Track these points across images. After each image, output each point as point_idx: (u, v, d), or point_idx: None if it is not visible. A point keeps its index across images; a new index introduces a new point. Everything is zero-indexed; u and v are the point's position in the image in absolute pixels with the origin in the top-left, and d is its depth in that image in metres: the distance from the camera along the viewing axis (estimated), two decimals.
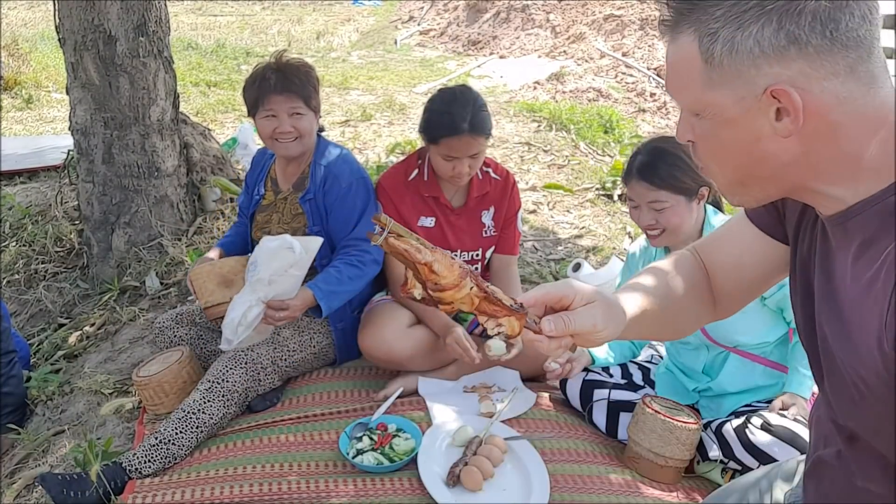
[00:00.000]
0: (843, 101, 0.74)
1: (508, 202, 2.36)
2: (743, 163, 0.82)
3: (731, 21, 0.74)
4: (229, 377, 2.04)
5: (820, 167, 0.78)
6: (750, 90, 0.76)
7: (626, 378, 2.18)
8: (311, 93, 2.18)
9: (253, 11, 15.15)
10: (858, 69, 0.73)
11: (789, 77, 0.73)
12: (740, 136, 0.79)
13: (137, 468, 1.88)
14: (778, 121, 0.76)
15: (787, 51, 0.73)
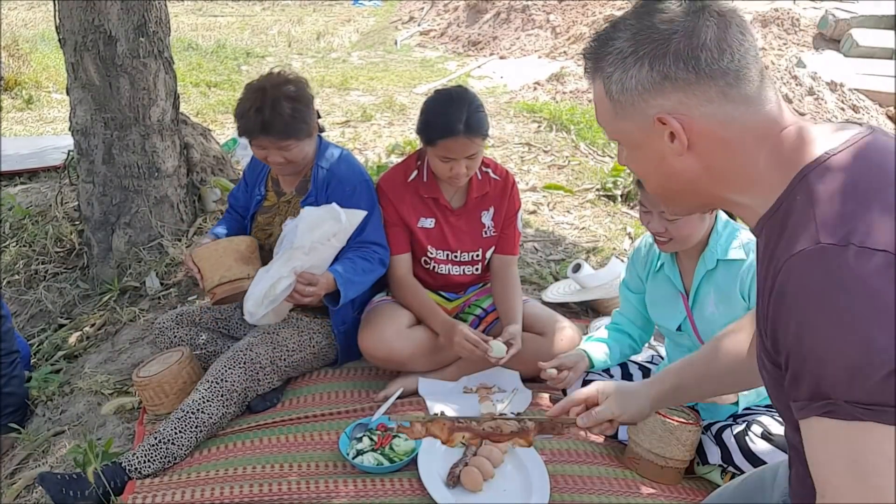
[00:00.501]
0: (723, 122, 0.89)
1: (508, 202, 2.36)
2: (659, 179, 0.99)
3: (618, 66, 0.91)
4: (228, 377, 2.04)
5: (722, 178, 0.93)
6: (644, 119, 0.92)
7: (627, 378, 2.18)
8: (300, 127, 2.10)
9: (253, 12, 15.16)
10: (730, 94, 0.88)
11: (671, 106, 0.89)
12: (649, 158, 0.96)
13: (137, 468, 1.88)
14: (671, 142, 0.91)
15: (663, 85, 0.88)
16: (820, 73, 6.67)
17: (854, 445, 0.77)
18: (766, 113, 0.89)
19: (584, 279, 2.86)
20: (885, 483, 0.75)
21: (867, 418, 0.75)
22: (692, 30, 0.87)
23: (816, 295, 0.78)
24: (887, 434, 0.75)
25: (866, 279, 0.75)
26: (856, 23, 8.61)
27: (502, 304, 2.33)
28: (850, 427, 0.76)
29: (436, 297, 2.42)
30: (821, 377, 0.78)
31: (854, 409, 0.75)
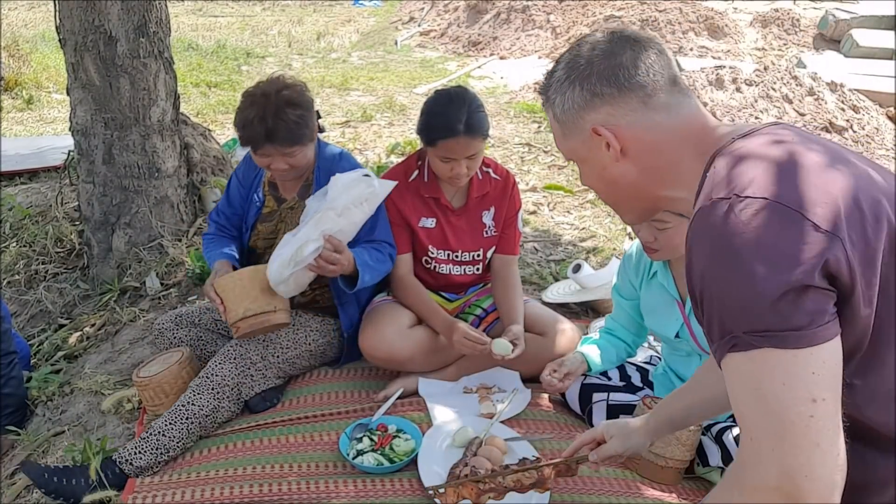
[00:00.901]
0: (648, 128, 1.04)
1: (509, 202, 2.36)
2: (605, 188, 1.14)
3: (558, 92, 1.09)
4: (219, 371, 2.04)
5: (657, 177, 1.07)
6: (584, 134, 1.08)
7: (625, 380, 2.18)
8: (303, 133, 2.08)
9: (253, 12, 15.16)
10: (650, 103, 1.04)
11: (602, 119, 1.06)
12: (595, 168, 1.11)
13: (128, 460, 1.87)
14: (608, 151, 1.07)
15: (593, 101, 1.06)
16: (820, 74, 6.67)
17: (755, 373, 0.86)
18: (684, 116, 1.05)
19: (584, 279, 2.86)
20: (780, 408, 0.83)
21: (762, 345, 0.84)
22: (611, 53, 1.05)
23: (709, 242, 0.90)
24: (781, 358, 0.83)
25: (747, 222, 0.86)
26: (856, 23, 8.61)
27: (503, 304, 2.33)
28: (750, 356, 0.86)
29: (436, 298, 2.42)
30: (722, 315, 0.88)
31: (751, 338, 0.85)
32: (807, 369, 0.83)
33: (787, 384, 0.83)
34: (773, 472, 0.84)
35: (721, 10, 9.60)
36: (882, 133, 6.02)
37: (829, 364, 0.84)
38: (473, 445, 1.89)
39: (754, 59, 8.45)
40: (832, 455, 0.82)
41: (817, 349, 0.83)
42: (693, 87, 6.62)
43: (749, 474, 0.87)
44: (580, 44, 1.10)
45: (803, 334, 0.83)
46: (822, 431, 0.82)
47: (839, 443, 0.83)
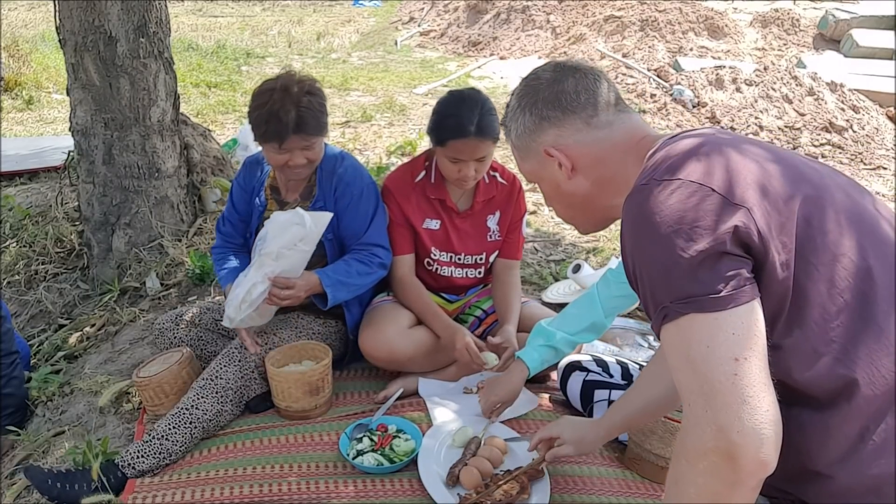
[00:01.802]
0: (592, 143, 1.17)
1: (515, 207, 2.35)
2: (562, 203, 1.27)
3: (512, 119, 1.24)
4: (223, 374, 2.04)
5: (607, 188, 1.19)
6: (538, 155, 1.22)
7: (627, 379, 2.18)
8: (326, 122, 2.10)
9: (253, 12, 15.17)
10: (593, 122, 1.17)
11: (551, 140, 1.19)
12: (551, 186, 1.24)
13: (131, 463, 1.87)
14: (560, 169, 1.19)
15: (542, 125, 1.19)
16: (820, 74, 6.68)
17: (683, 340, 0.92)
18: (625, 130, 1.17)
19: (585, 279, 2.86)
20: (706, 369, 0.88)
21: (687, 311, 0.91)
22: (555, 81, 1.19)
23: (632, 222, 0.99)
24: (703, 322, 0.90)
25: (664, 200, 0.94)
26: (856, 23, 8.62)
27: (501, 305, 2.33)
28: (679, 324, 0.92)
29: (437, 299, 2.42)
30: (652, 290, 0.96)
31: (677, 306, 0.92)
32: (727, 331, 0.88)
33: (710, 346, 0.89)
34: (708, 432, 0.87)
35: (721, 10, 9.60)
36: (882, 133, 6.02)
37: (747, 324, 0.89)
38: (473, 445, 1.89)
39: (754, 59, 8.45)
40: (760, 410, 0.86)
41: (735, 311, 0.89)
42: (693, 87, 6.62)
43: (689, 439, 0.91)
44: (530, 76, 1.24)
45: (722, 297, 0.89)
46: (748, 388, 0.86)
47: (767, 398, 0.87)
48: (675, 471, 0.96)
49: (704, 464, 0.89)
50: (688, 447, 0.91)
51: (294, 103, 2.01)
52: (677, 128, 6.02)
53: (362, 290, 2.20)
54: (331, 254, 2.23)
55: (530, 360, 2.00)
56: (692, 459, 0.91)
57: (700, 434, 0.88)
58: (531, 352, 2.02)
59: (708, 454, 0.88)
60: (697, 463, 0.90)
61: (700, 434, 0.88)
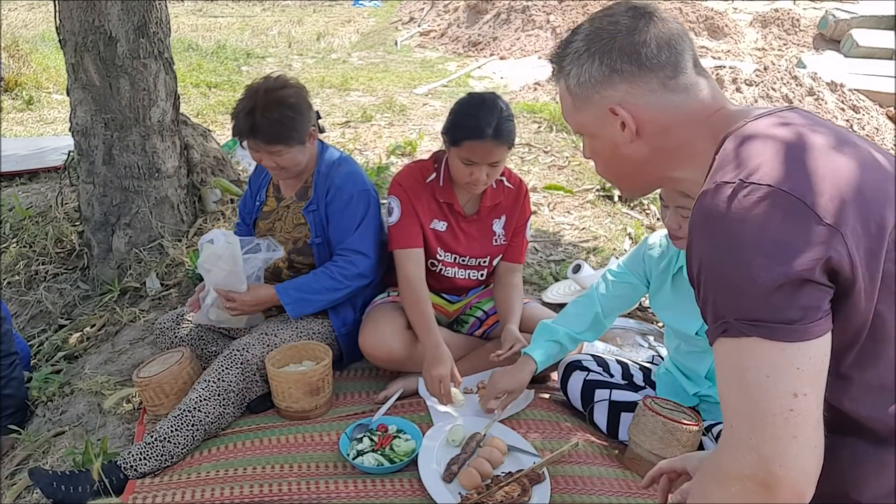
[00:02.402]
0: (665, 109, 1.02)
1: (520, 211, 2.35)
2: (614, 166, 1.12)
3: (574, 63, 1.06)
4: (225, 376, 2.04)
5: (667, 159, 1.06)
6: (599, 110, 1.05)
7: (627, 379, 2.18)
8: (289, 134, 2.11)
9: (253, 13, 15.17)
10: (670, 84, 1.02)
11: (620, 97, 1.03)
12: (605, 145, 1.09)
13: (133, 465, 1.87)
14: (623, 131, 1.04)
15: (612, 78, 1.03)
16: (820, 74, 6.68)
17: (741, 361, 0.86)
18: (702, 99, 1.03)
19: (585, 280, 2.86)
20: (761, 398, 0.83)
21: (752, 333, 0.84)
22: (634, 29, 1.02)
23: (711, 226, 0.89)
24: (768, 350, 0.83)
25: (750, 209, 0.84)
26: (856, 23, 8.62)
27: (502, 306, 2.33)
28: (739, 343, 0.86)
29: (438, 300, 2.41)
30: (717, 300, 0.88)
31: (741, 325, 0.85)
32: (793, 364, 0.83)
33: (770, 376, 0.83)
34: (748, 458, 0.84)
35: (721, 10, 9.60)
36: (882, 133, 6.02)
37: (815, 360, 0.84)
38: (473, 442, 1.89)
39: (754, 59, 8.45)
40: (809, 447, 0.83)
41: (806, 345, 0.83)
42: None
43: (726, 461, 0.87)
44: (601, 16, 1.06)
45: (794, 328, 0.83)
46: (801, 425, 0.82)
47: (816, 437, 0.83)
48: (703, 488, 0.93)
49: (737, 488, 0.86)
50: (722, 468, 0.88)
51: (258, 109, 2.08)
52: None
53: (332, 303, 2.23)
54: (318, 256, 2.27)
55: (537, 355, 2.03)
56: (724, 481, 0.88)
57: (739, 458, 0.85)
58: (537, 347, 2.05)
59: (743, 480, 0.85)
60: (730, 486, 0.87)
61: (739, 458, 0.85)
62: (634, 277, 2.05)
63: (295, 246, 2.28)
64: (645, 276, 2.05)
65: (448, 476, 1.80)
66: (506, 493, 1.70)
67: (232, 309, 2.13)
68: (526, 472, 1.78)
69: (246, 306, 2.14)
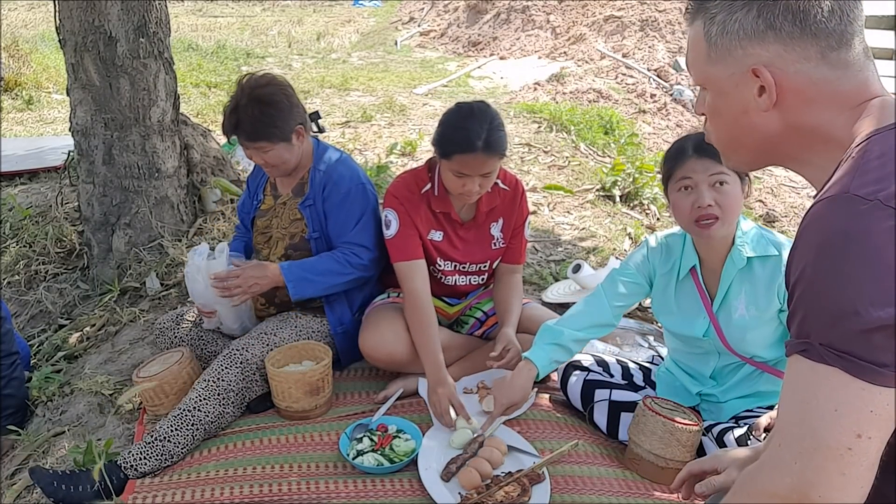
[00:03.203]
0: (815, 82, 0.89)
1: (517, 212, 2.33)
2: (734, 131, 0.99)
3: (724, 8, 0.92)
4: (224, 376, 2.04)
5: (799, 137, 0.93)
6: (738, 67, 0.93)
7: (627, 379, 2.18)
8: (270, 131, 2.12)
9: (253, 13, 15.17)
10: (829, 56, 0.88)
11: (768, 58, 0.90)
12: (732, 107, 0.96)
13: (133, 465, 1.87)
14: (759, 97, 0.92)
15: (766, 35, 0.89)
16: None
17: (812, 387, 0.80)
18: (860, 80, 0.90)
19: (584, 279, 2.86)
20: (822, 429, 0.79)
21: (834, 364, 0.78)
22: None
23: (827, 237, 0.79)
24: (846, 384, 0.77)
25: (878, 234, 0.75)
26: None
27: (501, 306, 2.32)
28: (816, 368, 0.80)
29: (438, 303, 2.41)
30: (807, 315, 0.81)
31: (825, 351, 0.79)
32: (867, 406, 0.77)
33: (839, 411, 0.78)
34: (787, 481, 0.81)
35: None
36: None
37: (890, 409, 0.78)
38: (475, 443, 1.89)
39: None
40: (855, 487, 0.79)
41: (887, 391, 0.77)
42: (693, 87, 6.62)
43: (764, 477, 0.85)
44: None
45: (882, 372, 0.76)
46: (853, 465, 0.78)
47: (866, 478, 0.80)
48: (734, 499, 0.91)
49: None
50: (758, 484, 0.86)
51: (240, 106, 2.12)
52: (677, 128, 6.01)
53: (333, 289, 2.22)
54: (315, 251, 2.27)
55: (538, 360, 1.96)
56: (756, 497, 0.86)
57: (777, 478, 0.82)
58: (538, 351, 1.98)
59: (778, 500, 0.83)
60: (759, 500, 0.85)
61: (777, 478, 0.82)
62: (639, 276, 2.04)
63: (292, 241, 2.29)
64: (648, 275, 2.03)
65: (446, 475, 1.80)
66: (506, 493, 1.70)
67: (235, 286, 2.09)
68: (526, 472, 1.78)
69: (250, 280, 2.11)
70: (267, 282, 2.14)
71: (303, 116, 2.22)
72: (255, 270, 2.13)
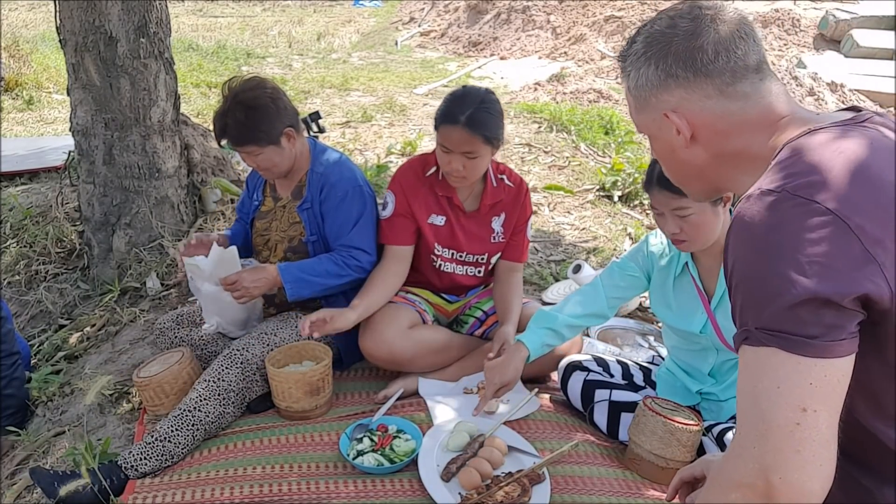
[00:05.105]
0: (722, 116, 1.01)
1: (520, 209, 2.35)
2: (673, 168, 1.12)
3: (634, 66, 1.06)
4: (225, 376, 2.04)
5: (727, 163, 1.04)
6: (655, 113, 1.05)
7: (627, 379, 2.18)
8: (256, 135, 2.12)
9: (254, 13, 15.18)
10: (727, 91, 0.99)
11: (675, 102, 1.02)
12: (663, 148, 1.09)
13: (133, 465, 1.87)
14: (678, 136, 1.04)
15: (668, 83, 1.02)
16: (820, 74, 6.68)
17: (756, 370, 0.86)
18: (763, 105, 1.00)
19: (585, 280, 2.86)
20: (769, 408, 0.83)
21: (771, 344, 0.84)
22: (692, 33, 1.00)
23: (750, 231, 0.88)
24: (783, 361, 0.83)
25: (791, 221, 0.84)
26: (856, 23, 8.61)
27: (500, 305, 2.32)
28: (758, 352, 0.86)
29: (437, 299, 2.42)
30: (743, 305, 0.89)
31: (762, 334, 0.85)
32: (806, 378, 0.82)
33: (781, 388, 0.83)
34: (749, 467, 0.84)
35: None
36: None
37: (830, 379, 0.82)
38: (475, 443, 1.89)
39: None
40: (812, 464, 0.82)
41: (823, 362, 0.82)
42: None
43: (728, 467, 0.88)
44: (663, 17, 1.05)
45: (813, 344, 0.82)
46: (806, 441, 0.81)
47: (823, 456, 0.82)
48: (708, 492, 0.94)
49: (737, 495, 0.87)
50: (725, 475, 0.89)
51: (226, 111, 2.12)
52: None
53: (330, 290, 2.21)
54: (313, 254, 2.27)
55: (530, 342, 2.01)
56: (726, 488, 0.89)
57: (740, 466, 0.86)
58: (531, 335, 2.03)
59: (743, 488, 0.86)
60: (730, 493, 0.88)
61: (740, 466, 0.86)
62: (638, 271, 2.05)
63: (290, 244, 2.29)
64: (647, 271, 2.05)
65: (446, 475, 1.80)
66: (506, 493, 1.70)
67: (234, 290, 2.10)
68: (526, 472, 1.78)
69: (248, 284, 2.11)
70: (265, 283, 2.14)
71: (293, 119, 2.20)
72: (253, 274, 2.12)
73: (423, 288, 2.41)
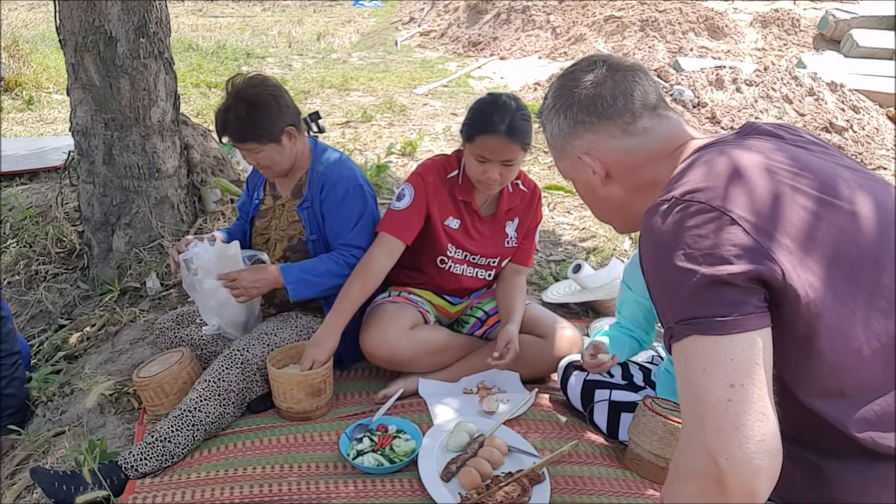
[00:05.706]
0: (629, 152, 1.13)
1: (533, 214, 2.36)
2: (597, 206, 1.24)
3: (548, 119, 1.20)
4: (225, 376, 2.04)
5: (644, 195, 1.13)
6: (572, 158, 1.19)
7: (627, 379, 2.18)
8: (257, 132, 2.11)
9: (253, 13, 15.18)
10: (630, 129, 1.13)
11: (586, 146, 1.16)
12: (585, 189, 1.22)
13: (133, 465, 1.87)
14: (594, 175, 1.16)
15: (577, 129, 1.16)
16: (820, 74, 6.67)
17: (683, 360, 0.91)
18: (664, 137, 1.13)
19: (585, 280, 2.86)
20: (701, 392, 0.88)
21: (689, 332, 0.90)
22: (592, 84, 1.14)
23: (649, 240, 0.98)
24: (703, 345, 0.89)
25: (680, 221, 0.93)
26: (856, 23, 8.62)
27: (504, 305, 2.32)
28: (682, 344, 0.91)
29: (440, 301, 2.41)
30: (663, 308, 0.96)
31: (681, 327, 0.91)
32: (726, 356, 0.87)
33: (707, 369, 0.88)
34: (698, 454, 0.87)
35: (721, 11, 9.60)
36: (882, 133, 6.02)
37: (749, 353, 0.87)
38: (476, 444, 1.89)
39: (754, 60, 8.45)
40: (753, 439, 0.84)
41: (738, 337, 0.87)
42: (693, 87, 6.62)
43: (681, 458, 0.91)
44: (566, 73, 1.19)
45: (724, 321, 0.88)
46: (741, 415, 0.85)
47: (763, 428, 0.84)
48: (668, 487, 0.96)
49: (693, 485, 0.89)
50: (680, 466, 0.92)
51: (227, 108, 2.12)
52: None
53: (332, 290, 2.20)
54: (313, 253, 2.27)
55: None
56: (683, 479, 0.91)
57: (691, 455, 0.88)
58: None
59: (697, 476, 0.88)
60: (687, 483, 0.90)
61: (691, 455, 0.88)
62: (639, 287, 2.08)
63: (290, 243, 2.29)
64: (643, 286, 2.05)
65: (446, 475, 1.80)
66: (506, 493, 1.70)
67: (234, 289, 2.10)
68: (526, 472, 1.78)
69: (247, 283, 2.10)
70: (265, 283, 2.14)
71: (294, 117, 2.20)
72: (253, 274, 2.12)
73: (426, 289, 2.41)
